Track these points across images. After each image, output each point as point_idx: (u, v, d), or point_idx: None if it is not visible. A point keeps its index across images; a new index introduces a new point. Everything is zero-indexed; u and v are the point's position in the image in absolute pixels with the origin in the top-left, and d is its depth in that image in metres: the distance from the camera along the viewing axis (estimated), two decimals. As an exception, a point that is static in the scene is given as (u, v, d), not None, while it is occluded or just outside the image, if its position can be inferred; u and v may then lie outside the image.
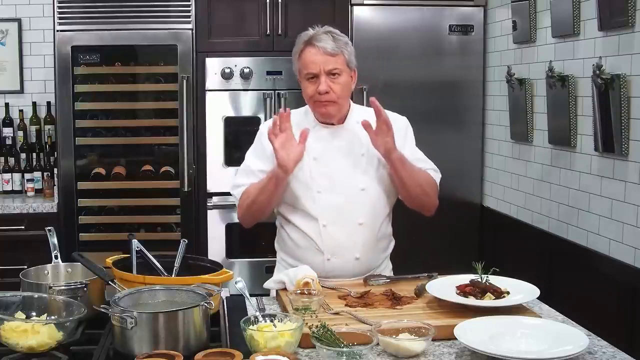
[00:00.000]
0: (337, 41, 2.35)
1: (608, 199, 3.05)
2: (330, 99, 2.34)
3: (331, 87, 2.32)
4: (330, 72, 2.32)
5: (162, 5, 3.99)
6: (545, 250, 3.56)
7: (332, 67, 2.32)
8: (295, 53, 2.40)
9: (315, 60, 2.32)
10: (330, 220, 2.36)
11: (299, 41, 2.40)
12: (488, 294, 2.01)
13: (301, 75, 2.39)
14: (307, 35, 2.37)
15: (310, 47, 2.34)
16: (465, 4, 4.21)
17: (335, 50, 2.33)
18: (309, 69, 2.34)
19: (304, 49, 2.36)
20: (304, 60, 2.36)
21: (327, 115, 2.39)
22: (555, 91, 3.36)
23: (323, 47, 2.32)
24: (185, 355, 1.60)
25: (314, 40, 2.34)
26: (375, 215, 2.42)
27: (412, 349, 1.73)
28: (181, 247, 2.20)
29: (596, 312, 2.87)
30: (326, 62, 2.32)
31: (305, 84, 2.37)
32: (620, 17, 2.85)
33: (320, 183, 2.37)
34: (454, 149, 4.24)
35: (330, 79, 2.33)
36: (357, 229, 2.38)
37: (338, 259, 2.37)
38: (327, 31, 2.37)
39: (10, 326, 1.67)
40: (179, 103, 4.00)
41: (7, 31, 4.47)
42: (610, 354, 1.77)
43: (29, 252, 3.19)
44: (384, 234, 2.47)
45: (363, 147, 2.39)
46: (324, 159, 2.39)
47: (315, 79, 2.34)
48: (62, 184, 4.04)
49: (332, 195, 2.36)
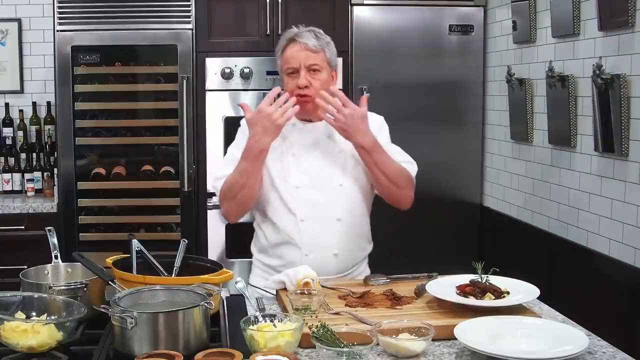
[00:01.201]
0: (319, 39, 2.39)
1: (608, 199, 3.05)
2: (310, 93, 2.36)
3: (311, 83, 2.36)
4: (310, 68, 2.37)
5: (162, 5, 3.99)
6: (545, 250, 3.56)
7: (312, 62, 2.37)
8: (278, 50, 2.45)
9: (297, 55, 2.37)
10: (308, 216, 2.37)
11: (282, 39, 2.45)
12: (488, 294, 2.01)
13: (282, 70, 2.43)
14: (291, 32, 2.42)
15: (292, 43, 2.39)
16: (465, 4, 4.21)
17: (317, 47, 2.37)
18: (290, 63, 2.38)
19: (286, 46, 2.41)
20: (285, 55, 2.40)
21: (306, 112, 2.40)
22: (555, 91, 3.36)
23: (305, 43, 2.36)
24: (185, 355, 1.60)
25: (297, 37, 2.39)
26: (353, 212, 2.43)
27: (412, 349, 1.73)
28: (181, 247, 2.20)
29: (596, 312, 2.87)
30: (307, 58, 2.36)
31: (286, 79, 2.41)
32: (620, 17, 2.85)
33: (298, 178, 2.39)
34: (454, 149, 4.24)
35: (310, 75, 2.37)
36: (335, 224, 2.39)
37: (316, 255, 2.37)
38: (310, 29, 2.42)
39: (10, 326, 1.67)
40: (179, 103, 4.00)
41: (7, 31, 4.47)
42: (610, 354, 1.77)
43: (29, 252, 3.19)
44: (361, 233, 2.49)
45: (341, 144, 2.41)
46: (303, 155, 2.41)
47: (295, 74, 2.37)
48: (62, 184, 4.04)
49: (311, 191, 2.38)
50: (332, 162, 2.43)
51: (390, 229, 4.11)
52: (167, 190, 4.12)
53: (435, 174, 4.18)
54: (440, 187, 4.21)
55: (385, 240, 3.67)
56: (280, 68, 2.45)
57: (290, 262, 2.38)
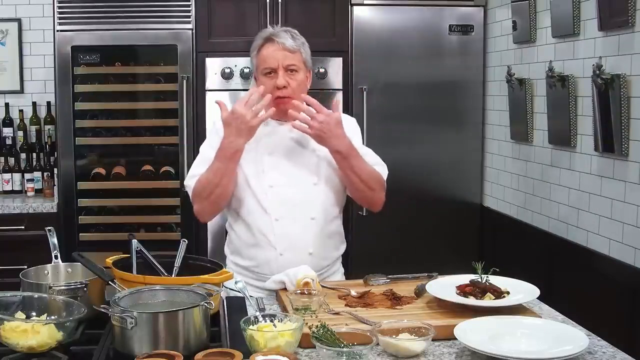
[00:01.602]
0: (295, 39, 2.39)
1: (608, 199, 3.05)
2: (288, 94, 2.36)
3: (289, 83, 2.36)
4: (288, 68, 2.36)
5: (162, 5, 3.99)
6: (545, 250, 3.56)
7: (290, 62, 2.36)
8: (254, 49, 2.43)
9: (275, 55, 2.36)
10: (283, 214, 2.36)
11: (257, 38, 2.44)
12: (488, 294, 2.01)
13: (258, 70, 2.41)
14: (267, 32, 2.42)
15: (269, 43, 2.38)
16: (465, 4, 4.21)
17: (294, 48, 2.37)
18: (268, 63, 2.37)
19: (262, 45, 2.40)
20: (262, 55, 2.39)
21: (283, 112, 2.38)
22: (555, 91, 3.36)
23: (282, 43, 2.36)
24: (185, 355, 1.60)
25: (274, 37, 2.38)
26: (326, 211, 2.42)
27: (412, 349, 1.73)
28: (181, 247, 2.20)
29: (596, 312, 2.87)
30: (285, 58, 2.36)
31: (262, 79, 2.39)
32: (620, 17, 2.85)
33: (273, 177, 2.38)
34: (454, 149, 4.24)
35: (287, 75, 2.36)
36: (309, 223, 2.38)
37: (291, 255, 2.36)
38: (287, 29, 2.42)
39: (10, 326, 1.67)
40: (179, 103, 4.00)
41: (7, 31, 4.47)
42: (610, 354, 1.77)
43: (29, 252, 3.19)
44: (335, 232, 2.48)
45: (314, 143, 2.40)
46: (277, 153, 2.41)
47: (272, 74, 2.37)
48: (62, 184, 4.04)
49: (285, 189, 2.37)
50: (307, 161, 2.42)
51: (390, 229, 4.11)
52: (167, 190, 4.12)
53: (435, 174, 4.19)
54: (440, 187, 4.21)
55: (385, 240, 3.68)
56: (255, 67, 2.44)
57: (265, 262, 2.37)
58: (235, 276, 2.48)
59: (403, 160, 4.06)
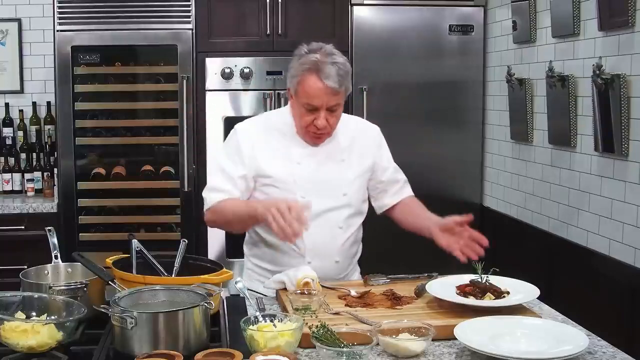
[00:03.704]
0: (341, 76, 2.26)
1: (608, 199, 3.05)
2: (326, 132, 2.34)
3: (328, 122, 2.30)
4: (330, 108, 2.29)
5: (162, 5, 3.99)
6: (545, 250, 3.56)
7: (334, 103, 2.28)
8: (296, 75, 2.30)
9: (320, 95, 2.25)
10: (313, 224, 2.28)
11: (301, 62, 2.30)
12: (488, 294, 2.01)
13: (298, 99, 2.31)
14: (311, 60, 2.27)
15: (315, 77, 2.25)
16: (465, 4, 4.21)
17: (340, 88, 2.27)
18: (311, 101, 2.27)
19: (307, 77, 2.26)
20: (306, 89, 2.27)
21: (318, 143, 2.38)
22: (555, 91, 3.36)
23: (331, 85, 2.24)
24: (185, 355, 1.60)
25: (320, 73, 2.24)
26: (353, 220, 2.43)
27: (412, 349, 1.73)
28: (181, 247, 2.20)
29: (596, 312, 2.87)
30: (329, 100, 2.26)
31: (301, 111, 2.31)
32: (620, 17, 2.85)
33: (303, 187, 2.35)
34: (454, 149, 4.24)
35: (328, 114, 2.29)
36: (337, 232, 2.39)
37: (318, 262, 2.35)
38: (334, 62, 2.27)
39: (10, 326, 1.67)
40: (179, 103, 4.00)
41: (7, 31, 4.47)
42: (610, 354, 1.77)
43: (29, 252, 3.19)
44: (356, 239, 2.49)
45: (343, 153, 2.41)
46: (307, 163, 2.37)
47: (314, 112, 2.28)
48: (62, 184, 4.04)
49: (316, 199, 2.33)
50: (336, 170, 2.40)
51: (391, 229, 4.10)
52: (167, 190, 4.12)
53: (435, 174, 4.18)
54: (440, 187, 4.20)
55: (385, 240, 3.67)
56: (294, 91, 2.31)
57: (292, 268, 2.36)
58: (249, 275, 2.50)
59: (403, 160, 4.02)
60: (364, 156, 2.46)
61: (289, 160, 2.37)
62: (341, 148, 2.42)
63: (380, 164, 2.51)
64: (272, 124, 2.44)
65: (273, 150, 2.38)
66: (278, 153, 2.36)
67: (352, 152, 2.44)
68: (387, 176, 2.52)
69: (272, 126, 2.42)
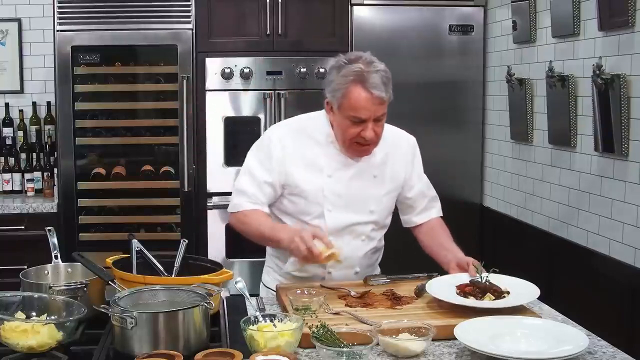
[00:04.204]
0: (385, 83, 2.19)
1: (608, 199, 3.05)
2: (374, 142, 2.27)
3: (375, 132, 2.23)
4: (377, 119, 2.22)
5: (162, 5, 3.99)
6: (545, 250, 3.56)
7: (381, 113, 2.22)
8: (339, 88, 2.21)
9: (368, 107, 2.18)
10: (337, 237, 2.29)
11: (343, 74, 2.21)
12: (488, 294, 2.01)
13: (342, 112, 2.22)
14: (355, 71, 2.18)
15: (362, 89, 2.17)
16: (465, 4, 4.21)
17: (386, 98, 2.20)
18: (359, 114, 2.19)
19: (352, 88, 2.18)
20: (353, 102, 2.18)
21: (365, 155, 2.32)
22: (555, 91, 3.36)
23: (378, 95, 2.17)
24: (185, 355, 1.60)
25: (367, 83, 2.17)
26: (376, 233, 2.42)
27: (412, 349, 1.73)
28: (181, 247, 2.20)
29: (596, 312, 2.87)
30: (377, 110, 2.19)
31: (346, 123, 2.22)
32: (620, 17, 2.85)
33: (332, 201, 2.31)
34: (454, 149, 4.24)
35: (374, 124, 2.22)
36: (359, 244, 2.38)
37: (339, 273, 2.35)
38: (377, 70, 2.19)
39: (10, 326, 1.67)
40: (179, 103, 4.00)
41: (7, 31, 4.47)
42: (610, 354, 1.77)
43: (29, 252, 3.19)
44: (377, 248, 2.48)
45: (376, 169, 2.36)
46: (338, 177, 2.32)
47: (360, 123, 2.20)
48: (62, 184, 4.04)
49: (342, 214, 2.31)
50: (366, 186, 2.35)
51: (391, 228, 4.10)
52: (167, 190, 4.12)
53: (435, 173, 4.13)
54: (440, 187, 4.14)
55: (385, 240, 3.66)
56: (338, 104, 2.22)
57: (314, 275, 2.36)
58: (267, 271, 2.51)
59: (403, 160, 4.06)
60: (397, 172, 2.41)
61: (320, 172, 2.31)
62: (376, 162, 2.35)
63: (409, 181, 2.45)
64: (307, 130, 2.35)
65: (305, 159, 2.31)
66: (309, 163, 2.30)
67: (386, 168, 2.38)
68: (414, 193, 2.47)
69: (307, 133, 2.35)
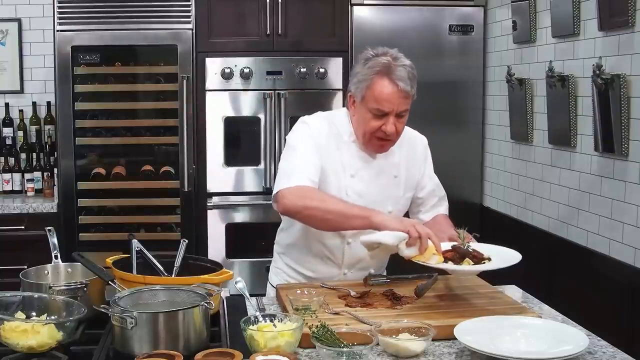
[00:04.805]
0: (410, 79, 2.19)
1: (608, 199, 3.05)
2: (393, 138, 2.25)
3: (396, 128, 2.22)
4: (399, 113, 2.21)
5: (162, 5, 3.99)
6: (545, 250, 3.56)
7: (404, 108, 2.21)
8: (365, 79, 2.20)
9: (392, 100, 2.17)
10: (355, 238, 2.27)
11: (369, 66, 2.21)
12: (467, 259, 2.02)
13: (365, 104, 2.21)
14: (382, 63, 2.19)
15: (387, 80, 2.17)
16: (465, 4, 4.21)
17: (411, 91, 2.19)
18: (382, 106, 2.18)
19: (378, 80, 2.18)
20: (377, 94, 2.18)
21: (382, 152, 2.31)
22: (555, 91, 3.36)
23: (404, 88, 2.16)
24: (185, 355, 1.60)
25: (393, 75, 2.17)
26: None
27: (412, 349, 1.73)
28: (181, 247, 2.20)
29: (596, 312, 2.87)
30: (400, 104, 2.19)
31: (368, 116, 2.21)
32: (620, 17, 2.85)
33: (353, 200, 2.27)
34: (454, 149, 4.24)
35: (396, 119, 2.21)
36: None
37: (354, 274, 2.36)
38: (403, 64, 2.20)
39: (10, 326, 1.67)
40: (179, 103, 4.00)
41: (7, 31, 4.47)
42: (610, 354, 1.77)
43: (29, 252, 3.19)
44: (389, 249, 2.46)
45: (395, 169, 2.36)
46: (360, 177, 2.31)
47: (382, 116, 2.19)
48: (62, 184, 4.04)
49: None
50: (387, 186, 2.34)
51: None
52: (167, 190, 4.12)
53: (435, 173, 4.17)
54: None
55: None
56: (361, 96, 2.21)
57: (327, 276, 2.35)
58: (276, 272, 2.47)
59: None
60: (413, 172, 2.41)
61: (343, 171, 2.29)
62: (395, 162, 2.35)
63: (421, 182, 2.45)
64: (335, 127, 2.33)
65: (331, 156, 2.29)
66: (335, 160, 2.28)
67: (405, 169, 2.38)
68: (425, 193, 2.46)
69: (335, 129, 2.32)
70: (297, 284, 2.33)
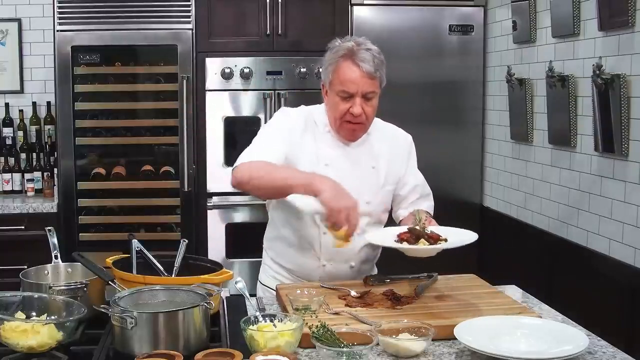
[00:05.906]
0: (375, 62, 2.24)
1: (608, 199, 3.05)
2: (362, 121, 2.27)
3: (364, 110, 2.24)
4: (365, 95, 2.24)
5: (162, 5, 3.99)
6: (545, 250, 3.56)
7: (370, 89, 2.24)
8: (331, 63, 2.27)
9: (356, 80, 2.22)
10: None
11: (335, 50, 2.27)
12: (422, 240, 2.03)
13: (333, 88, 2.27)
14: (347, 47, 2.25)
15: (350, 62, 2.23)
16: (465, 4, 4.21)
17: (375, 74, 2.24)
18: (347, 87, 2.22)
19: (342, 63, 2.24)
20: (341, 76, 2.23)
21: (353, 138, 2.32)
22: (555, 91, 3.36)
23: (366, 69, 2.21)
24: (185, 355, 1.60)
25: (356, 57, 2.22)
26: (374, 227, 2.39)
27: (412, 349, 1.73)
28: (181, 247, 2.20)
29: (596, 312, 2.87)
30: (365, 84, 2.22)
31: (335, 100, 2.26)
32: (620, 17, 2.85)
33: None
34: (454, 149, 4.24)
35: (363, 101, 2.24)
36: (355, 238, 2.35)
37: (333, 266, 2.35)
38: (368, 48, 2.26)
39: (10, 326, 1.67)
40: (179, 103, 4.00)
41: (7, 31, 4.47)
42: (610, 354, 1.77)
43: (29, 252, 3.19)
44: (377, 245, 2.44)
45: (374, 160, 2.36)
46: (336, 166, 2.31)
47: (349, 98, 2.24)
48: (62, 184, 4.04)
49: None
50: (363, 177, 2.34)
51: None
52: (167, 190, 4.12)
53: (435, 174, 4.13)
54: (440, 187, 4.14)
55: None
56: (329, 81, 2.28)
57: (307, 269, 2.35)
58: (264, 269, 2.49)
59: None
60: (394, 167, 2.41)
61: (317, 161, 2.31)
62: (374, 154, 2.36)
63: (403, 178, 2.45)
64: (313, 119, 2.36)
65: (304, 147, 2.31)
66: (309, 150, 2.30)
67: (384, 161, 2.38)
68: (406, 191, 2.45)
69: (312, 121, 2.36)
70: (297, 284, 2.33)
